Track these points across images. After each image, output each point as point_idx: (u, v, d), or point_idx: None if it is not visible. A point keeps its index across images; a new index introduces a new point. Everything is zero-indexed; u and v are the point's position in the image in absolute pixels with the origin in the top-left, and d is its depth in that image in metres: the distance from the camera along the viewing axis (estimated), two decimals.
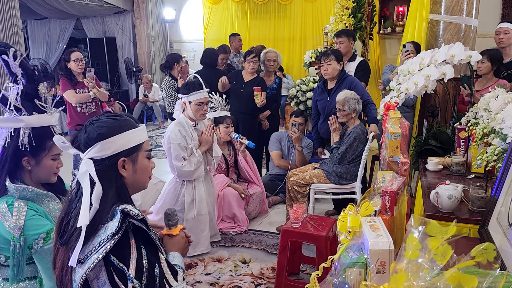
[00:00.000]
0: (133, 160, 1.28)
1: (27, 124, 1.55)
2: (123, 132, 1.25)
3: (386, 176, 1.84)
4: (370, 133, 3.48)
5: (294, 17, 8.04)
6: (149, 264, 1.17)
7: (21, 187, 1.57)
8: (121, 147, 1.24)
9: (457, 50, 2.68)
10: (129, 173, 1.27)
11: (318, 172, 3.61)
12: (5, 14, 5.56)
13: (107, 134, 1.23)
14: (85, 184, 1.20)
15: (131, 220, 1.16)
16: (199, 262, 3.22)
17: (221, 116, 3.85)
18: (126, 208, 1.16)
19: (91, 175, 1.21)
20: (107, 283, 1.14)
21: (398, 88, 2.82)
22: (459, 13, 3.82)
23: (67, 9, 7.84)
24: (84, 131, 1.25)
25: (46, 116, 1.61)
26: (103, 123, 1.25)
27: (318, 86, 4.01)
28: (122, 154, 1.25)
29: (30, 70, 1.57)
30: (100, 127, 1.24)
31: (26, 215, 1.54)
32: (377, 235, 1.13)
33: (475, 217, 1.93)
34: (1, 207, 1.54)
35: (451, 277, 0.71)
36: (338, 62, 3.71)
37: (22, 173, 1.61)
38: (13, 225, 1.51)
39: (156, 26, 8.96)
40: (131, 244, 1.16)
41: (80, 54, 4.22)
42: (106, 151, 1.22)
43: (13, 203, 1.55)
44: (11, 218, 1.52)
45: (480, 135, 2.11)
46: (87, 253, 1.14)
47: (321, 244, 2.61)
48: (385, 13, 6.99)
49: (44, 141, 1.60)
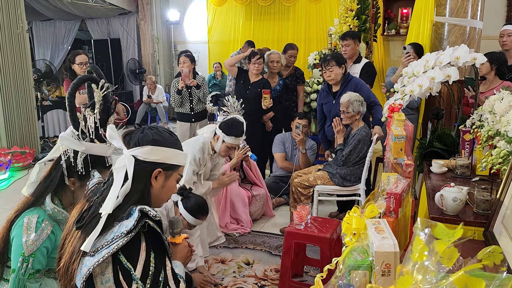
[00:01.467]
0: (167, 176, 1.34)
1: (87, 151, 1.61)
2: (173, 148, 1.35)
3: (390, 178, 1.84)
4: (374, 135, 3.47)
5: (298, 19, 8.04)
6: (156, 269, 1.19)
7: (57, 209, 1.61)
8: (165, 160, 1.32)
9: (462, 52, 2.68)
10: (158, 185, 1.32)
11: (322, 174, 3.61)
12: (10, 15, 5.59)
13: (161, 142, 1.32)
14: (119, 176, 1.26)
15: (147, 221, 1.18)
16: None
17: None
18: (145, 208, 1.19)
19: (127, 171, 1.26)
20: (111, 280, 1.15)
21: (403, 90, 2.81)
22: (464, 15, 3.81)
23: (72, 10, 7.88)
24: (141, 131, 1.34)
25: (105, 146, 1.67)
26: (161, 133, 1.34)
27: (323, 89, 3.99)
28: (162, 166, 1.32)
29: (109, 103, 1.65)
30: (157, 134, 1.33)
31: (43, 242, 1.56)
32: (382, 237, 1.13)
33: (480, 219, 1.92)
34: (30, 219, 1.57)
35: (458, 280, 0.70)
36: (339, 66, 3.69)
37: (63, 191, 1.67)
38: (30, 243, 1.53)
39: (160, 27, 8.99)
40: (141, 247, 1.18)
41: (85, 58, 4.24)
42: (151, 156, 1.29)
43: (43, 222, 1.57)
44: (33, 235, 1.54)
45: (485, 137, 2.10)
46: (98, 247, 1.16)
47: (325, 246, 2.61)
48: (389, 15, 6.98)
49: (95, 169, 1.64)
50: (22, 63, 5.77)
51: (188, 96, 4.66)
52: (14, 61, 5.64)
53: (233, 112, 3.82)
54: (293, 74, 4.75)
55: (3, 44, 5.49)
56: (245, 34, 8.45)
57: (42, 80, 7.47)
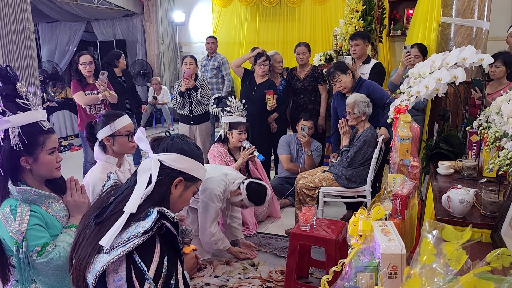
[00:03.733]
0: (186, 186, 1.39)
1: (14, 124, 1.54)
2: (197, 161, 1.41)
3: (396, 179, 1.83)
4: (380, 137, 3.45)
5: (303, 20, 8.03)
6: (168, 273, 1.20)
7: (24, 189, 1.57)
8: (189, 170, 1.38)
9: (469, 53, 2.66)
10: (177, 193, 1.37)
11: (327, 175, 3.59)
12: (17, 17, 5.63)
13: (188, 153, 1.38)
14: (144, 178, 1.30)
15: (165, 222, 1.20)
16: (208, 265, 3.22)
17: (236, 121, 3.84)
18: (164, 209, 1.22)
19: (152, 173, 1.30)
20: (124, 279, 1.16)
21: (409, 91, 2.79)
22: (471, 16, 3.79)
23: (77, 12, 7.91)
24: (171, 139, 1.40)
25: (32, 112, 1.59)
26: (189, 144, 1.41)
27: (337, 93, 3.93)
28: (184, 175, 1.36)
29: (3, 71, 1.55)
30: (186, 145, 1.39)
31: (29, 223, 1.53)
32: (389, 239, 1.12)
33: (487, 221, 1.91)
34: (4, 211, 1.54)
35: (466, 283, 0.70)
36: (345, 73, 3.67)
37: (23, 175, 1.61)
38: (16, 230, 1.51)
39: (165, 28, 9.01)
40: (156, 249, 1.20)
41: (89, 58, 4.26)
42: (176, 164, 1.35)
43: (17, 207, 1.54)
44: (14, 223, 1.51)
45: (492, 138, 2.09)
46: (114, 245, 1.17)
47: (331, 248, 2.60)
48: (395, 15, 6.96)
49: (36, 137, 1.59)
50: (28, 64, 5.80)
51: (187, 98, 4.67)
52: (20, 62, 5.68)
53: (236, 112, 3.83)
54: (310, 74, 4.56)
55: (10, 46, 5.53)
56: (250, 35, 8.45)
57: (48, 81, 7.52)
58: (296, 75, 4.62)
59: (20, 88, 1.56)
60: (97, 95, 4.25)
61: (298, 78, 4.59)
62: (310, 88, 4.55)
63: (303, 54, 4.54)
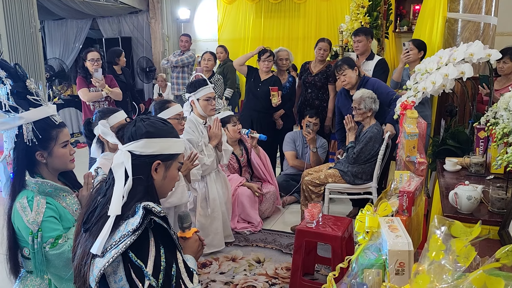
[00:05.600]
0: (167, 166, 1.31)
1: (27, 119, 1.59)
2: (168, 138, 1.30)
3: (403, 176, 1.82)
4: (386, 133, 3.44)
5: (308, 16, 7.98)
6: (167, 263, 1.17)
7: (41, 181, 1.61)
8: (162, 150, 1.28)
9: (476, 48, 2.64)
10: (159, 177, 1.30)
11: (333, 172, 3.58)
12: (23, 15, 5.65)
13: (155, 134, 1.28)
14: (119, 175, 1.23)
15: (153, 217, 1.17)
16: (214, 261, 3.23)
17: (226, 116, 3.86)
18: (149, 205, 1.17)
19: (126, 167, 1.24)
20: (124, 279, 1.15)
21: (416, 87, 2.78)
22: (478, 11, 3.76)
23: (83, 9, 7.93)
24: (134, 124, 1.29)
25: (43, 108, 1.64)
26: (154, 123, 1.30)
27: (340, 92, 3.90)
28: (160, 157, 1.28)
29: (12, 69, 1.59)
30: (150, 126, 1.28)
31: (44, 214, 1.58)
32: (396, 235, 1.12)
33: (495, 218, 1.89)
34: (21, 202, 1.58)
35: (476, 280, 0.69)
36: (352, 69, 3.65)
37: (39, 168, 1.66)
38: (32, 221, 1.55)
39: (171, 25, 9.00)
40: (150, 243, 1.17)
41: (96, 54, 4.28)
42: (148, 149, 1.26)
43: (33, 199, 1.59)
44: (30, 213, 1.56)
45: (500, 135, 2.07)
46: (107, 247, 1.15)
47: (337, 245, 2.59)
48: (401, 11, 6.91)
49: (49, 131, 1.64)
50: (35, 62, 5.83)
51: None
52: (27, 59, 5.70)
53: (222, 108, 3.88)
54: (323, 71, 4.45)
55: (17, 43, 5.55)
56: (255, 32, 8.42)
57: (54, 78, 7.55)
58: (310, 68, 4.58)
59: (30, 85, 1.61)
60: (100, 92, 4.27)
61: (310, 72, 4.55)
62: (320, 84, 4.51)
63: (324, 51, 4.47)
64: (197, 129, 3.20)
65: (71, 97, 8.08)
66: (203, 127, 3.26)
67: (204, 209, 3.28)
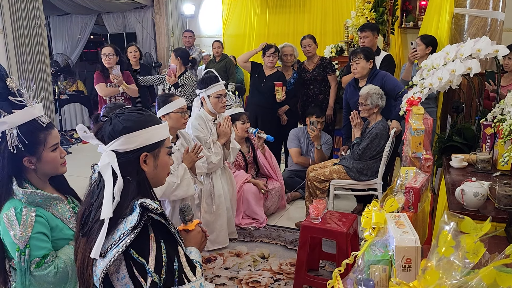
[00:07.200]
0: (155, 155, 1.28)
1: (11, 124, 1.43)
2: (148, 127, 1.26)
3: (409, 172, 1.81)
4: (392, 129, 3.42)
5: (314, 12, 7.95)
6: (168, 258, 1.17)
7: (29, 191, 1.49)
8: (145, 142, 1.25)
9: (484, 44, 2.61)
10: (150, 168, 1.27)
11: (338, 168, 3.58)
12: (29, 10, 5.66)
13: (133, 127, 1.23)
14: (107, 176, 1.20)
15: (150, 214, 1.16)
16: (218, 257, 3.23)
17: (236, 113, 3.84)
18: (145, 202, 1.16)
19: (113, 167, 1.21)
20: (127, 276, 1.15)
21: (422, 83, 2.76)
22: (485, 7, 3.72)
23: (88, 4, 7.93)
24: (109, 123, 1.25)
25: (28, 109, 1.47)
26: (129, 117, 1.25)
27: (349, 84, 3.89)
28: (145, 148, 1.25)
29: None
30: (126, 120, 1.24)
31: (33, 229, 1.45)
32: (403, 231, 1.11)
33: (502, 215, 1.88)
34: (8, 214, 1.45)
35: (486, 276, 0.68)
36: (367, 60, 3.62)
37: (27, 174, 1.53)
38: (19, 236, 1.43)
39: (175, 21, 9.00)
40: (150, 238, 1.16)
41: (109, 49, 4.29)
42: (130, 145, 1.22)
43: (22, 211, 1.46)
44: (18, 227, 1.43)
45: (507, 131, 2.05)
46: (108, 247, 1.15)
47: (342, 241, 2.59)
48: (407, 7, 6.87)
49: (36, 135, 1.49)
50: (40, 57, 5.84)
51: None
52: (32, 55, 5.72)
53: (233, 104, 3.85)
54: (319, 65, 4.53)
55: (22, 39, 5.57)
56: (260, 28, 8.39)
57: (60, 74, 7.56)
58: (305, 67, 4.60)
59: (11, 84, 1.45)
60: (117, 88, 4.30)
61: (307, 70, 4.56)
62: (320, 78, 4.52)
63: (309, 46, 4.52)
64: (206, 126, 3.19)
65: (76, 93, 8.10)
66: (212, 124, 3.25)
67: (209, 205, 3.28)
